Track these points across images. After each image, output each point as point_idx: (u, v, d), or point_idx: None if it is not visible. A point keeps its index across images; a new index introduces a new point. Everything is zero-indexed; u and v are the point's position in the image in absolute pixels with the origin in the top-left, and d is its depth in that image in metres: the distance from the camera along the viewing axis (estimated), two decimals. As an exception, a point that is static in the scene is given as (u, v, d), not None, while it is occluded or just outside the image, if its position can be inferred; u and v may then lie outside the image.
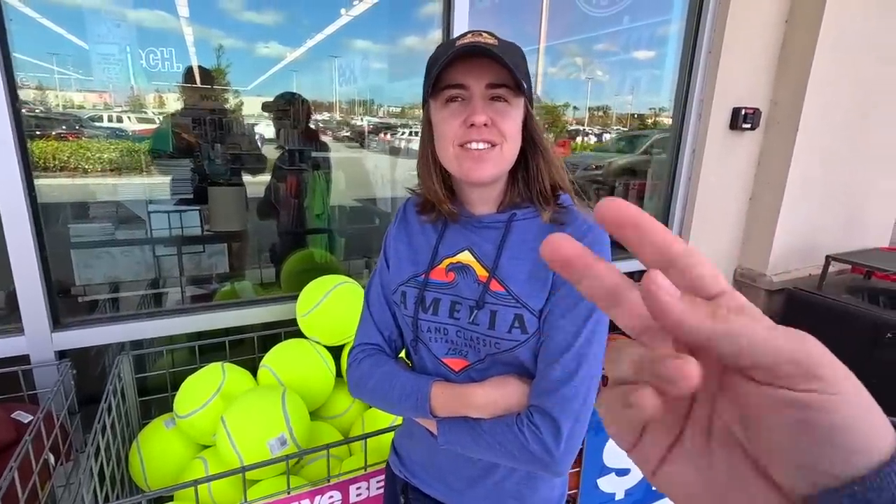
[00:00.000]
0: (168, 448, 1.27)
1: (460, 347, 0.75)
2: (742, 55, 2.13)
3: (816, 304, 2.13)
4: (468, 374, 0.76)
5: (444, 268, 0.77)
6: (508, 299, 0.71)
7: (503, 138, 0.69)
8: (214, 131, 2.43)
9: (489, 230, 0.76)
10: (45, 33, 1.74)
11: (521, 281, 0.72)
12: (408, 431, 0.87)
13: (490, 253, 0.74)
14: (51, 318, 1.29)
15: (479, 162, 0.69)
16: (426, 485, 0.84)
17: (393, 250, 0.83)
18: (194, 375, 1.30)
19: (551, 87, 2.74)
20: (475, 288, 0.73)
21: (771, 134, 2.29)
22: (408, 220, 0.84)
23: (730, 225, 2.39)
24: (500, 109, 0.69)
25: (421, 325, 0.77)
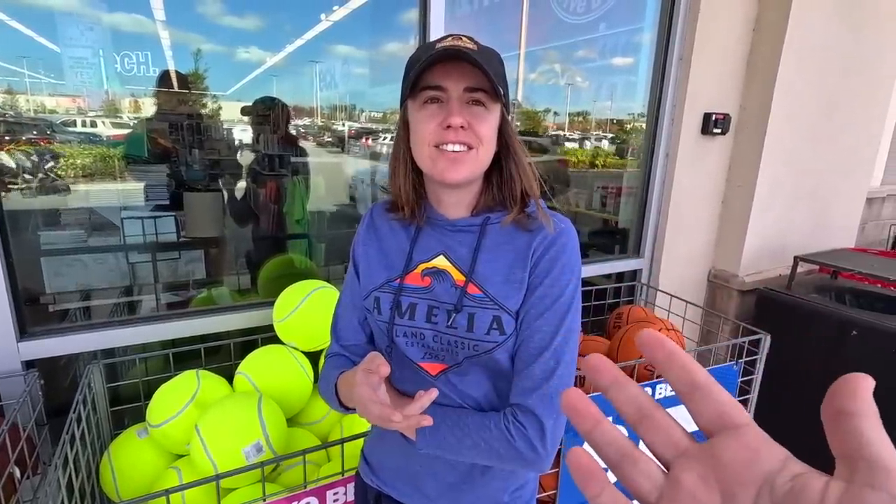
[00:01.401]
0: (140, 458, 1.25)
1: (437, 352, 0.76)
2: (712, 62, 2.19)
3: (786, 304, 2.20)
4: (446, 377, 0.76)
5: (419, 273, 0.77)
6: (486, 301, 0.73)
7: (479, 141, 0.71)
8: (192, 136, 2.40)
9: (463, 234, 0.77)
10: (14, 35, 1.70)
11: (497, 283, 0.73)
12: (378, 437, 0.87)
13: (465, 257, 0.75)
14: (17, 327, 1.26)
15: (454, 163, 0.70)
16: (400, 493, 0.83)
17: (363, 256, 0.83)
18: (168, 384, 1.28)
19: (531, 93, 2.78)
20: (452, 292, 0.74)
21: (741, 138, 2.36)
22: (376, 224, 0.84)
23: (703, 227, 2.45)
24: (477, 113, 0.70)
25: (396, 330, 0.77)
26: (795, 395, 2.16)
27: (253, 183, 2.56)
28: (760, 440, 0.20)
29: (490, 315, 0.72)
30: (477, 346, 0.73)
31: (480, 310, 0.73)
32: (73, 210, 2.14)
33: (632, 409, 0.23)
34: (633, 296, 2.38)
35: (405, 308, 0.76)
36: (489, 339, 0.72)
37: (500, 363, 0.75)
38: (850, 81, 2.44)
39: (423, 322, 0.75)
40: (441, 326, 0.74)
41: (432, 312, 0.75)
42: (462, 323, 0.73)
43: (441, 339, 0.74)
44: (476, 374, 0.76)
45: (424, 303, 0.76)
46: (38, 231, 1.93)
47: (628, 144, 2.77)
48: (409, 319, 0.76)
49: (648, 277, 2.39)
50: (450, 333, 0.74)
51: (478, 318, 0.72)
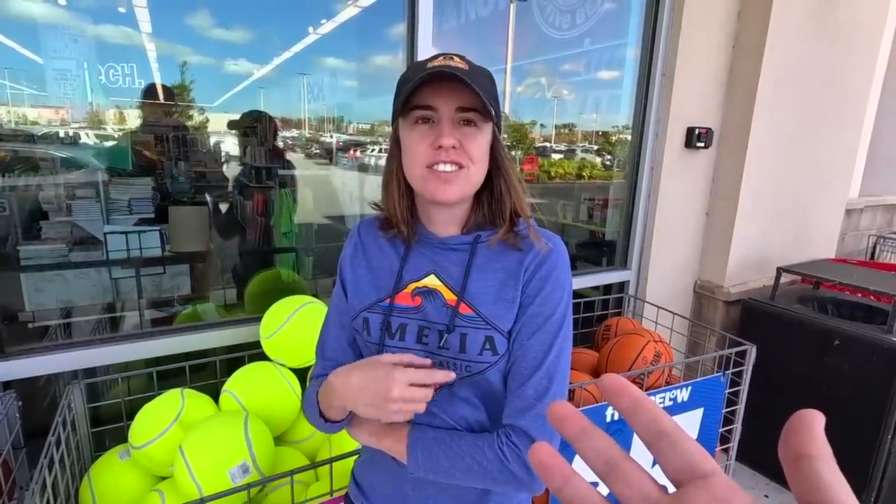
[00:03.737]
0: (122, 481, 1.21)
1: None
2: (694, 78, 2.24)
3: (770, 314, 2.23)
4: (437, 398, 0.74)
5: (409, 292, 0.76)
6: (478, 321, 0.72)
7: (470, 161, 0.70)
8: (178, 148, 2.38)
9: (454, 252, 0.76)
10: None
11: (489, 302, 0.73)
12: (369, 459, 0.85)
13: (456, 275, 0.75)
14: (-5, 346, 1.23)
15: (445, 183, 0.70)
16: None
17: (351, 276, 0.81)
18: (151, 403, 1.25)
19: (518, 106, 2.81)
20: (444, 312, 0.73)
21: (723, 152, 2.41)
22: (364, 242, 0.82)
23: (689, 239, 2.48)
24: (469, 133, 0.70)
25: (386, 351, 0.75)
26: (781, 403, 2.19)
27: (240, 195, 2.53)
28: (729, 490, 0.21)
29: (482, 335, 0.72)
30: (469, 366, 0.72)
31: (473, 330, 0.72)
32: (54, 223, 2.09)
33: (600, 461, 0.23)
34: (621, 307, 2.39)
35: (395, 329, 0.75)
36: (482, 360, 0.71)
37: (493, 384, 0.74)
38: (826, 95, 2.52)
39: (414, 343, 0.74)
40: (432, 347, 0.73)
41: (423, 333, 0.74)
42: (454, 343, 0.72)
43: (433, 360, 0.73)
44: (468, 394, 0.75)
45: (415, 323, 0.75)
46: (17, 245, 1.88)
47: (614, 156, 2.81)
48: (399, 340, 0.75)
49: (636, 289, 2.41)
50: (441, 354, 0.73)
51: (470, 339, 0.72)
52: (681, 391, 1.56)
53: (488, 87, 0.70)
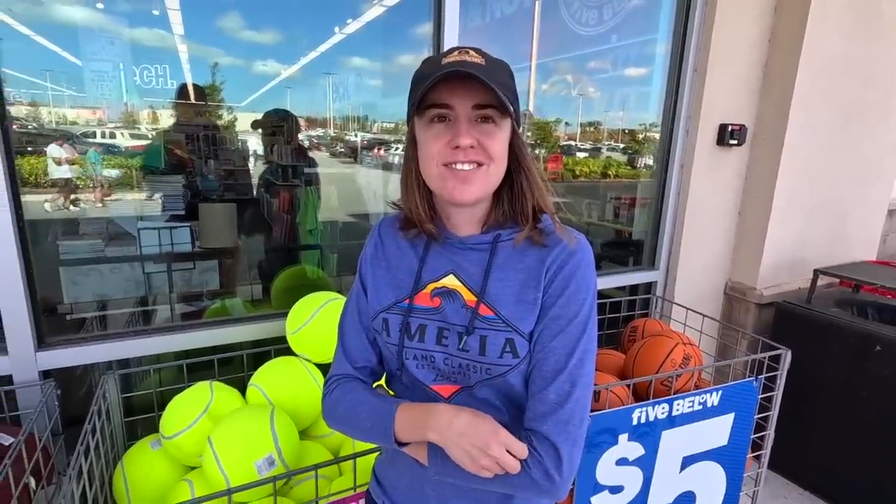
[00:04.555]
0: (153, 470, 1.25)
1: (448, 374, 0.73)
2: (727, 73, 2.17)
3: (805, 318, 2.15)
4: (458, 400, 0.74)
5: (428, 293, 0.75)
6: (498, 323, 0.70)
7: (490, 159, 0.68)
8: (208, 147, 2.44)
9: (474, 252, 0.74)
10: (38, 50, 1.74)
11: (509, 304, 0.71)
12: (389, 458, 0.84)
13: (476, 276, 0.73)
14: (35, 337, 1.28)
15: (464, 182, 0.68)
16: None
17: (371, 276, 0.80)
18: (181, 395, 1.28)
19: (543, 104, 2.78)
20: (463, 313, 0.72)
21: (757, 149, 2.33)
22: (384, 242, 0.81)
23: (719, 239, 2.41)
24: (487, 130, 0.68)
25: (406, 352, 0.74)
26: (815, 411, 2.10)
27: (266, 193, 2.58)
28: None
29: (503, 337, 0.70)
30: (489, 369, 0.70)
31: (493, 332, 0.70)
32: (90, 220, 2.17)
33: None
34: (647, 308, 2.34)
35: (414, 330, 0.74)
36: (502, 363, 0.70)
37: (514, 387, 0.72)
38: (868, 92, 2.41)
39: (433, 344, 0.73)
40: (452, 349, 0.72)
41: (442, 334, 0.73)
42: (474, 346, 0.70)
43: (452, 361, 0.72)
44: (488, 396, 0.73)
45: (434, 324, 0.73)
46: (57, 241, 1.96)
47: (640, 154, 2.75)
48: (418, 342, 0.74)
49: (664, 290, 2.36)
50: (461, 356, 0.71)
51: (490, 341, 0.70)
52: (711, 395, 1.51)
53: (506, 81, 0.68)
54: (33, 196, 1.73)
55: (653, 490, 1.52)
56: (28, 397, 1.27)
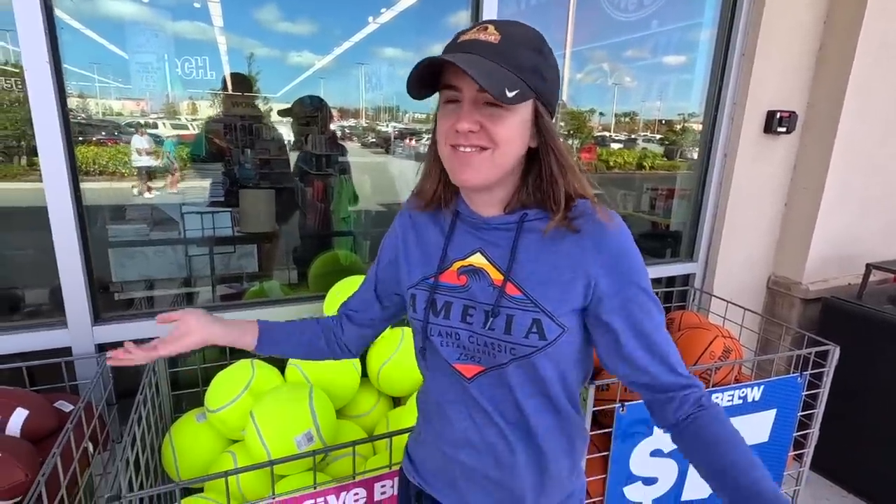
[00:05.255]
0: (199, 441, 1.31)
1: (473, 353, 0.72)
2: (777, 57, 2.08)
3: (856, 314, 2.05)
4: (481, 382, 0.73)
5: (455, 271, 0.74)
6: (526, 303, 0.69)
7: (494, 144, 0.65)
8: (244, 137, 2.50)
9: (499, 231, 0.73)
10: (87, 43, 1.82)
11: (538, 284, 0.69)
12: (420, 438, 0.86)
13: (503, 255, 0.71)
14: (92, 312, 1.35)
15: (465, 164, 0.67)
16: (440, 493, 0.82)
17: (401, 252, 0.82)
18: (225, 371, 1.34)
19: (577, 93, 2.72)
20: (490, 292, 0.71)
21: (808, 138, 2.22)
22: (413, 220, 0.82)
23: (763, 231, 2.32)
24: (493, 114, 0.65)
25: (431, 329, 0.74)
26: (863, 411, 2.01)
27: (300, 182, 2.63)
28: None
29: (529, 318, 0.68)
30: (514, 349, 0.69)
31: (520, 311, 0.68)
32: (136, 206, 2.27)
33: None
34: (684, 301, 2.28)
35: (440, 307, 0.74)
36: (528, 343, 0.68)
37: (540, 371, 0.70)
38: (933, 77, 2.26)
39: (458, 322, 0.72)
40: (477, 327, 0.71)
41: (468, 312, 0.72)
42: (500, 325, 0.69)
43: (477, 339, 0.71)
44: (512, 380, 0.71)
45: (460, 302, 0.73)
46: (107, 225, 2.05)
47: (679, 145, 2.67)
48: (443, 318, 0.73)
49: (702, 282, 2.29)
50: (486, 335, 0.70)
51: (516, 321, 0.68)
52: (752, 390, 1.47)
53: (521, 61, 0.63)
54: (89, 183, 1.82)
55: (688, 483, 1.49)
56: (84, 369, 1.35)
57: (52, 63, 1.21)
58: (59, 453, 0.95)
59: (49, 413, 1.12)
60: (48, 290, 1.47)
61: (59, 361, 1.30)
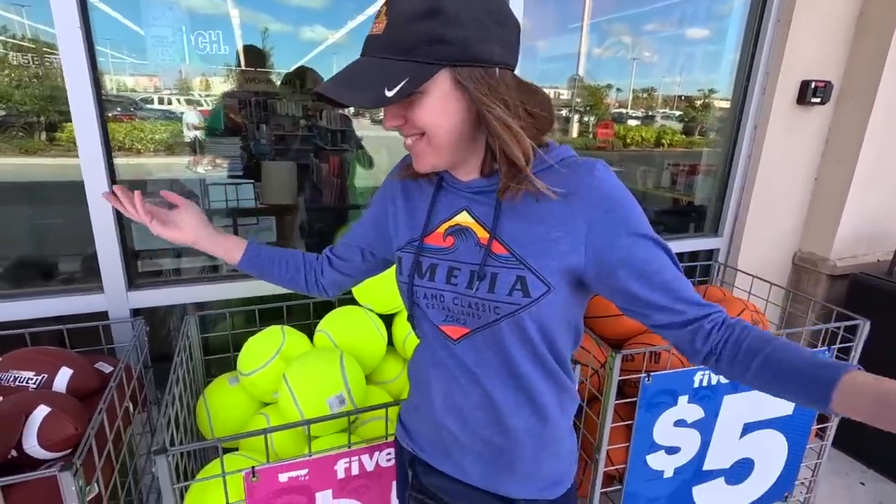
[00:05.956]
0: (232, 403, 1.35)
1: (458, 315, 0.72)
2: (814, 24, 1.99)
3: (886, 291, 2.01)
4: (467, 343, 0.73)
5: (441, 232, 0.74)
6: (511, 261, 0.67)
7: (421, 129, 0.65)
8: (259, 112, 2.49)
9: (483, 194, 0.72)
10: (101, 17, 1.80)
11: (524, 241, 0.68)
12: (412, 406, 0.86)
13: (488, 213, 0.70)
14: (126, 278, 1.38)
15: (416, 157, 0.69)
16: (433, 459, 0.82)
17: (392, 217, 0.82)
18: (256, 337, 1.37)
19: (595, 67, 2.63)
20: (476, 251, 0.70)
21: (842, 109, 2.14)
22: (403, 186, 0.82)
23: (792, 206, 2.27)
24: (410, 103, 0.63)
25: (417, 291, 0.74)
26: (889, 389, 1.99)
27: (315, 158, 2.62)
28: None
29: (514, 275, 0.67)
30: (498, 308, 0.68)
31: (504, 269, 0.67)
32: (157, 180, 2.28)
33: None
34: (707, 276, 2.26)
35: (425, 268, 0.74)
36: (510, 301, 0.67)
37: (527, 331, 0.69)
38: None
39: (443, 284, 0.72)
40: (461, 288, 0.70)
41: (452, 273, 0.71)
42: (484, 285, 0.68)
43: (461, 301, 0.70)
44: (503, 340, 0.70)
45: (445, 264, 0.72)
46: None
47: (697, 122, 2.59)
48: (428, 280, 0.73)
49: (726, 258, 2.26)
50: (470, 296, 0.69)
51: (500, 279, 0.67)
52: (779, 363, 1.46)
53: (410, 38, 0.59)
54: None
55: (710, 454, 1.50)
56: (120, 333, 1.39)
57: (84, 31, 1.21)
58: (105, 409, 0.99)
59: (91, 373, 1.16)
60: (81, 258, 1.52)
61: (97, 325, 1.34)
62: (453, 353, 0.74)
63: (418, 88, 0.60)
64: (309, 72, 2.41)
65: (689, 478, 1.52)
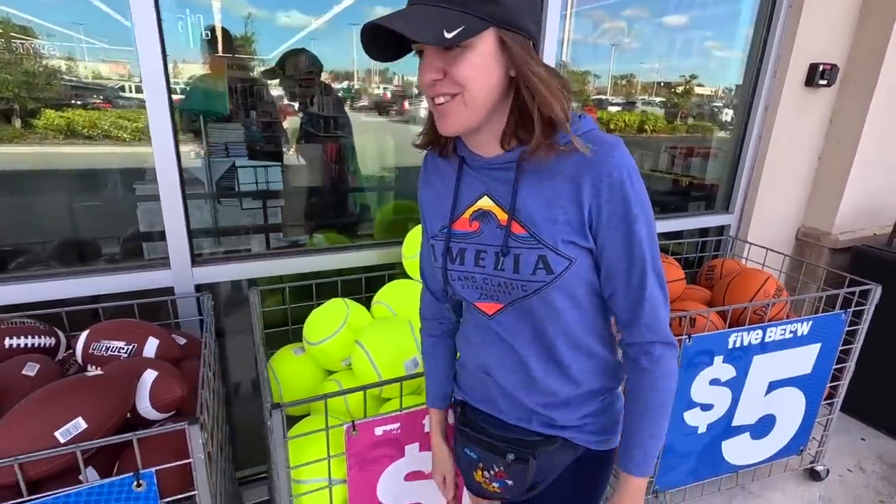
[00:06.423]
0: (299, 372, 1.41)
1: (490, 292, 0.76)
2: (824, 8, 2.10)
3: (886, 261, 2.17)
4: (501, 317, 0.78)
5: (467, 217, 0.77)
6: (530, 241, 0.71)
7: (461, 87, 0.64)
8: (245, 99, 2.45)
9: (501, 171, 0.74)
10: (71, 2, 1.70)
11: (540, 221, 0.71)
12: (460, 363, 0.95)
13: (506, 194, 0.73)
14: (191, 255, 1.42)
15: (443, 116, 0.68)
16: (477, 402, 0.90)
17: (426, 207, 0.86)
18: (320, 309, 1.43)
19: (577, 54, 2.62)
20: (498, 234, 0.73)
21: (846, 91, 2.27)
22: (428, 170, 0.85)
23: (798, 184, 2.40)
24: (453, 57, 0.63)
25: (451, 274, 0.79)
26: (893, 354, 2.14)
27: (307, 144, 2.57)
28: None
29: (535, 255, 0.70)
30: (525, 286, 0.72)
31: (525, 250, 0.71)
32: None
33: None
34: (718, 251, 2.39)
35: (455, 254, 0.78)
36: (536, 280, 0.71)
37: (555, 303, 0.73)
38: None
39: (472, 266, 0.76)
40: (489, 269, 0.74)
41: (480, 256, 0.75)
42: (509, 265, 0.72)
43: (491, 280, 0.74)
44: (531, 313, 0.75)
45: (473, 248, 0.76)
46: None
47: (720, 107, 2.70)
48: (459, 264, 0.77)
49: (736, 233, 2.39)
50: (498, 276, 0.73)
51: (523, 259, 0.71)
52: (802, 325, 1.59)
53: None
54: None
55: (738, 410, 1.63)
56: (185, 307, 1.43)
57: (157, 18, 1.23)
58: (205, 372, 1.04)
59: (173, 344, 1.21)
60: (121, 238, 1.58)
61: (165, 300, 1.38)
62: (489, 325, 0.81)
63: (468, 41, 0.61)
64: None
65: (719, 433, 1.64)
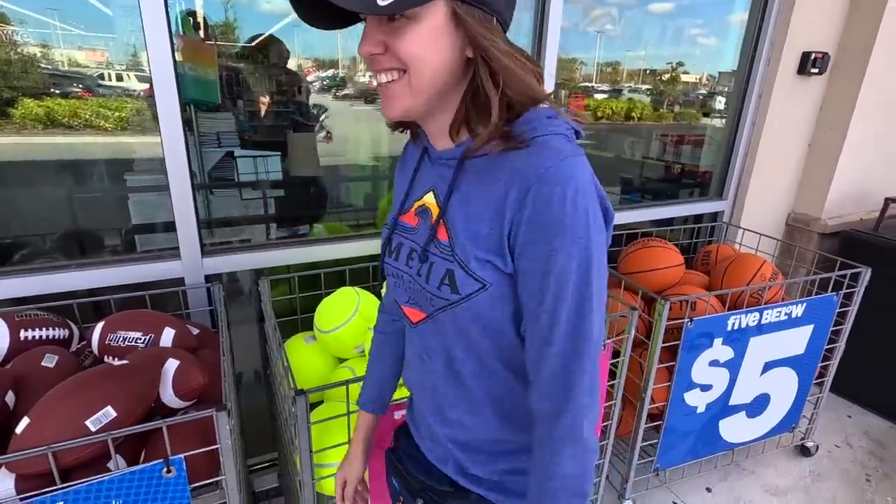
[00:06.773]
0: (311, 359, 1.43)
1: (415, 297, 0.66)
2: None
3: (874, 245, 2.24)
4: (421, 328, 0.68)
5: (413, 211, 0.68)
6: (447, 251, 0.60)
7: (404, 63, 0.54)
8: (230, 88, 2.40)
9: (445, 168, 0.64)
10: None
11: (462, 227, 0.60)
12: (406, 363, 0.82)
13: (444, 193, 0.63)
14: (200, 245, 1.42)
15: (386, 98, 0.58)
16: (409, 421, 0.84)
17: (395, 193, 0.77)
18: (331, 297, 1.44)
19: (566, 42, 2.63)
20: (426, 235, 0.63)
21: (836, 79, 2.33)
22: (405, 157, 0.76)
23: (788, 170, 2.46)
24: (396, 28, 0.53)
25: (386, 268, 0.71)
26: (882, 335, 2.21)
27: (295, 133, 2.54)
28: None
29: (444, 267, 0.60)
30: (432, 300, 0.62)
31: (440, 260, 0.60)
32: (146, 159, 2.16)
33: None
34: (711, 237, 2.44)
35: (393, 247, 0.69)
36: (440, 296, 0.60)
37: (466, 329, 0.62)
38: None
39: (404, 264, 0.67)
40: (413, 272, 0.64)
41: (410, 255, 0.66)
42: (424, 272, 0.62)
43: (414, 284, 0.64)
44: (444, 331, 0.65)
45: (408, 244, 0.67)
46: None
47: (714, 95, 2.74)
48: (394, 259, 0.69)
49: (730, 219, 2.45)
50: (418, 281, 0.63)
51: (434, 269, 0.61)
52: (796, 307, 1.65)
53: None
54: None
55: (735, 390, 1.69)
56: (196, 297, 1.44)
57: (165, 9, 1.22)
58: (226, 361, 1.06)
59: (188, 334, 1.21)
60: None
61: (176, 290, 1.39)
62: (412, 335, 0.73)
63: (412, 10, 0.51)
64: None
65: (717, 412, 1.71)
